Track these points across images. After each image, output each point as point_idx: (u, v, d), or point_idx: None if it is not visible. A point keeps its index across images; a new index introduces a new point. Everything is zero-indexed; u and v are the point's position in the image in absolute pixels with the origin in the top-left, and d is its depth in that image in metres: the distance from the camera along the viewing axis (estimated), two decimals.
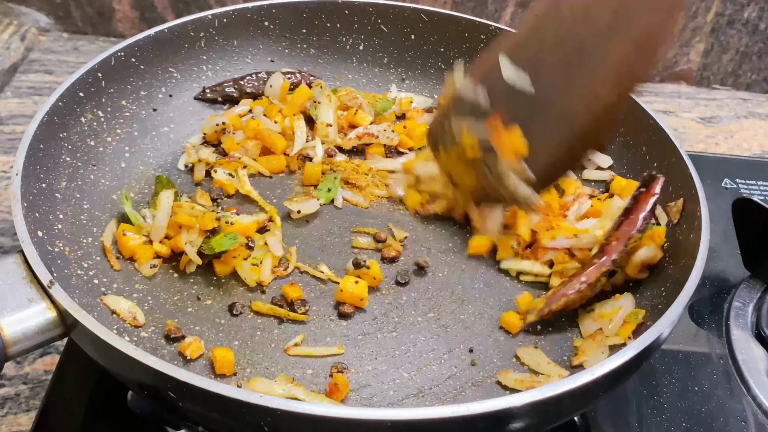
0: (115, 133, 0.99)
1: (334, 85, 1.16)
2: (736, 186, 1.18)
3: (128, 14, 1.47)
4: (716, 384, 0.87)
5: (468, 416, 0.58)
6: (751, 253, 0.97)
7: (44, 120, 0.85)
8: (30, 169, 0.80)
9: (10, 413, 0.83)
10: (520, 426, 0.63)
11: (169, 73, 1.07)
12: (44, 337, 0.68)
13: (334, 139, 1.04)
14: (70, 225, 0.85)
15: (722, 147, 1.37)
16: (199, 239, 0.84)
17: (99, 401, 0.81)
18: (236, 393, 0.58)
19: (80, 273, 0.82)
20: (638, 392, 0.85)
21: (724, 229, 1.04)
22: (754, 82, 1.54)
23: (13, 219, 0.73)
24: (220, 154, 1.02)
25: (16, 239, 0.72)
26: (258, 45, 1.14)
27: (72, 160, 0.90)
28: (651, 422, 0.82)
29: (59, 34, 1.49)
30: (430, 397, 0.76)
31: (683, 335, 0.92)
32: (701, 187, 0.85)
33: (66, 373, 0.83)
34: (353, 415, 0.58)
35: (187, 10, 1.45)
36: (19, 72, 1.38)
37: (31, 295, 0.68)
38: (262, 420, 0.59)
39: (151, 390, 0.66)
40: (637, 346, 0.66)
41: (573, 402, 0.66)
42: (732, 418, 0.83)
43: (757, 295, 0.97)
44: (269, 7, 1.12)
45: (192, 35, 1.08)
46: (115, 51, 0.98)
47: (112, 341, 0.62)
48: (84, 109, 0.94)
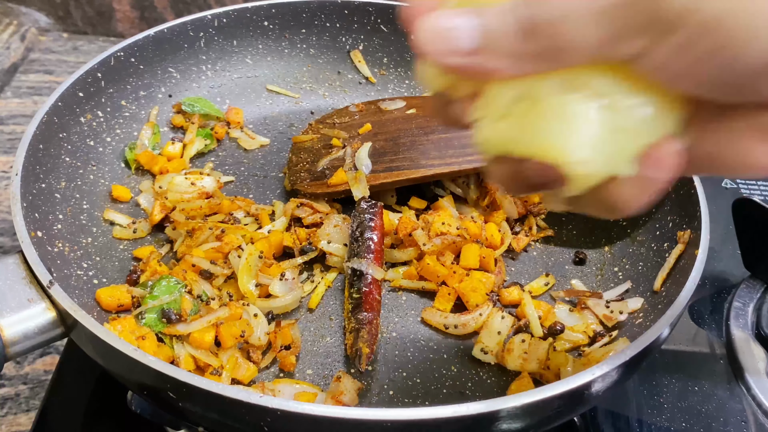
0: (115, 133, 0.99)
1: (333, 91, 1.15)
2: (736, 186, 1.18)
3: (128, 14, 1.47)
4: (716, 384, 0.87)
5: (468, 416, 0.58)
6: (751, 253, 0.97)
7: (44, 120, 0.85)
8: (30, 169, 0.80)
9: (10, 413, 0.83)
10: (519, 426, 0.63)
11: (168, 73, 1.07)
12: (44, 337, 0.68)
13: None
14: (70, 225, 0.85)
15: None
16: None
17: (99, 401, 0.81)
18: (236, 393, 0.58)
19: (80, 273, 0.82)
20: (638, 392, 0.85)
21: (724, 229, 1.04)
22: None
23: (13, 219, 0.73)
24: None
25: (15, 239, 0.72)
26: (258, 45, 1.14)
27: (72, 160, 0.90)
28: (651, 422, 0.81)
29: (59, 34, 1.49)
30: (430, 397, 0.76)
31: (683, 335, 0.92)
32: (701, 187, 0.85)
33: (66, 373, 0.83)
34: (353, 415, 0.58)
35: (186, 10, 1.45)
36: (19, 72, 1.38)
37: (30, 296, 0.68)
38: (262, 420, 0.59)
39: (151, 390, 0.66)
40: (636, 346, 0.66)
41: (572, 402, 0.66)
42: (732, 418, 0.82)
43: (757, 295, 0.97)
44: (269, 7, 1.12)
45: (192, 35, 1.08)
46: (114, 51, 0.98)
47: (111, 341, 0.62)
48: (84, 109, 0.94)
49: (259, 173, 1.03)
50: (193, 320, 0.76)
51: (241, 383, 0.75)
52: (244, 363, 0.76)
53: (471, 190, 0.99)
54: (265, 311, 0.80)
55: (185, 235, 0.86)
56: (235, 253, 0.84)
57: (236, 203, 0.93)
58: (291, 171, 1.00)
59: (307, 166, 1.00)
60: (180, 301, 0.78)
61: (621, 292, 0.88)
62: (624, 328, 0.83)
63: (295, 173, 0.99)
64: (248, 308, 0.79)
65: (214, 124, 1.08)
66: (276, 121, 1.13)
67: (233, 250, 0.84)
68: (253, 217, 0.93)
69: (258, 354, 0.78)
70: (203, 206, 0.91)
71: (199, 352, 0.75)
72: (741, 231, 0.97)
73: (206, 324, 0.76)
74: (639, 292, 0.86)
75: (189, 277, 0.81)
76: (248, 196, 0.98)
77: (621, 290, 0.88)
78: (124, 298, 0.79)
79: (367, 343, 0.76)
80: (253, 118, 1.12)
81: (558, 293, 0.89)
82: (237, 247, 0.84)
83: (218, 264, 0.83)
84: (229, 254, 0.84)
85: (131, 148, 0.99)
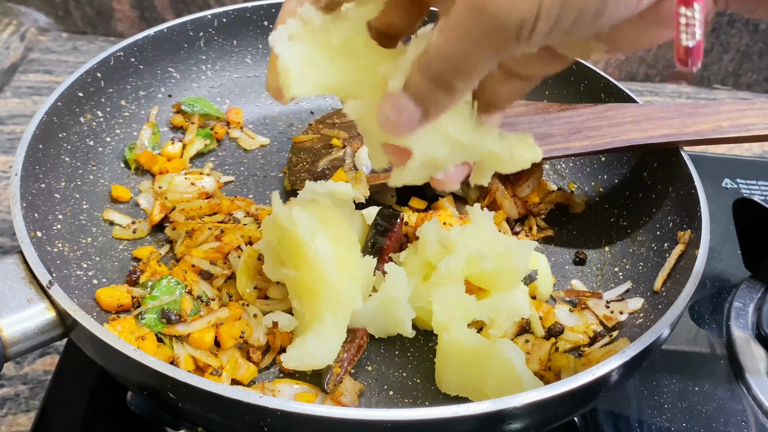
0: (115, 133, 0.99)
1: None
2: (736, 186, 1.18)
3: (128, 14, 1.47)
4: (716, 384, 0.87)
5: (468, 416, 0.58)
6: (752, 253, 0.97)
7: (44, 120, 0.85)
8: (29, 169, 0.80)
9: (10, 413, 0.83)
10: (520, 426, 0.63)
11: (168, 73, 1.07)
12: (44, 337, 0.68)
13: None
14: (70, 225, 0.85)
15: (722, 147, 1.37)
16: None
17: (99, 401, 0.81)
18: (236, 393, 0.58)
19: (79, 273, 0.82)
20: (638, 392, 0.84)
21: (724, 229, 1.04)
22: (754, 82, 1.54)
23: (13, 219, 0.73)
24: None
25: (15, 239, 0.72)
26: (258, 45, 1.14)
27: (71, 160, 0.90)
28: (651, 422, 0.81)
29: (59, 34, 1.49)
30: (430, 397, 0.76)
31: (683, 335, 0.92)
32: (701, 187, 0.85)
33: (66, 373, 0.83)
34: (353, 416, 0.58)
35: (186, 10, 1.45)
36: (19, 72, 1.38)
37: (30, 296, 0.68)
38: (261, 420, 0.59)
39: (150, 390, 0.66)
40: (637, 346, 0.66)
41: (573, 402, 0.66)
42: (732, 418, 0.82)
43: (757, 296, 0.96)
44: (269, 7, 1.12)
45: (191, 35, 1.08)
46: (114, 51, 0.98)
47: (111, 341, 0.62)
48: (83, 109, 0.94)
49: (259, 173, 1.03)
50: (193, 321, 0.76)
51: (241, 383, 0.75)
52: (243, 363, 0.76)
53: (471, 190, 0.99)
54: (265, 312, 0.80)
55: (185, 236, 0.86)
56: (235, 254, 0.83)
57: (236, 203, 0.93)
58: (291, 171, 1.00)
59: (307, 166, 1.00)
60: (180, 302, 0.78)
61: (621, 293, 0.88)
62: (624, 328, 0.83)
63: (295, 173, 0.99)
64: (248, 309, 0.79)
65: (214, 124, 1.08)
66: (276, 121, 1.13)
67: (233, 251, 0.84)
68: (252, 217, 0.93)
69: (258, 354, 0.77)
70: (203, 206, 0.91)
71: (199, 353, 0.75)
72: (741, 231, 0.97)
73: (206, 324, 0.76)
74: (639, 293, 0.86)
75: (189, 277, 0.81)
76: (248, 196, 0.98)
77: (621, 290, 0.88)
78: (124, 298, 0.79)
79: (341, 362, 0.75)
80: (253, 118, 1.12)
81: (558, 293, 0.89)
82: (237, 247, 0.84)
83: (218, 264, 0.83)
84: (229, 254, 0.84)
85: (131, 148, 0.99)
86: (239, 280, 0.81)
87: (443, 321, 0.75)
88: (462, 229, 0.80)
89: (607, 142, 0.92)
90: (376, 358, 0.79)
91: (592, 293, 0.87)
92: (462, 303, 0.75)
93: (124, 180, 0.97)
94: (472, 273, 0.79)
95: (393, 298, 0.76)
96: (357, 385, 0.75)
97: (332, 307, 0.73)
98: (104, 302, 0.78)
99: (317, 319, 0.73)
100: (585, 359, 0.78)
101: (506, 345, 0.71)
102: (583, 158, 1.07)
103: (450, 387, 0.75)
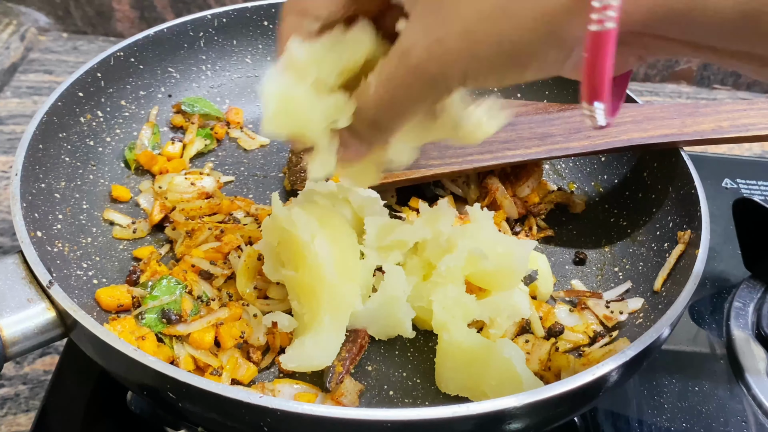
0: (115, 133, 0.99)
1: None
2: (736, 186, 1.18)
3: (128, 14, 1.47)
4: (716, 384, 0.86)
5: (468, 416, 0.58)
6: (752, 253, 0.97)
7: (44, 120, 0.85)
8: (29, 169, 0.80)
9: (10, 413, 0.83)
10: (520, 426, 0.63)
11: (168, 73, 1.07)
12: (44, 337, 0.68)
13: None
14: (70, 225, 0.85)
15: (722, 147, 1.37)
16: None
17: (99, 401, 0.81)
18: (236, 393, 0.58)
19: (79, 273, 0.82)
20: (638, 392, 0.84)
21: (724, 229, 1.04)
22: (754, 82, 1.54)
23: (13, 219, 0.73)
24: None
25: (15, 239, 0.72)
26: (258, 45, 1.14)
27: (71, 160, 0.90)
28: (651, 422, 0.81)
29: (59, 34, 1.49)
30: (430, 397, 0.76)
31: (683, 335, 0.92)
32: (701, 187, 0.85)
33: (65, 373, 0.83)
34: (353, 415, 0.58)
35: (186, 10, 1.45)
36: (19, 72, 1.38)
37: (30, 296, 0.68)
38: (261, 420, 0.59)
39: (150, 390, 0.66)
40: (637, 346, 0.66)
41: (573, 402, 0.66)
42: (732, 418, 0.82)
43: (757, 296, 0.96)
44: (269, 7, 1.12)
45: (191, 35, 1.08)
46: (114, 51, 0.98)
47: (111, 341, 0.62)
48: (83, 109, 0.94)
49: (259, 173, 1.03)
50: (193, 321, 0.76)
51: (241, 383, 0.75)
52: (243, 363, 0.76)
53: (471, 190, 0.99)
54: (265, 312, 0.80)
55: (185, 236, 0.86)
56: (235, 254, 0.83)
57: (236, 203, 0.93)
58: (291, 171, 1.00)
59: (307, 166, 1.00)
60: (180, 302, 0.78)
61: (621, 292, 0.88)
62: (624, 328, 0.83)
63: (295, 173, 0.99)
64: (248, 309, 0.79)
65: (214, 124, 1.08)
66: None
67: (233, 251, 0.84)
68: (252, 217, 0.93)
69: (258, 354, 0.77)
70: (203, 206, 0.91)
71: (198, 353, 0.75)
72: (741, 231, 0.97)
73: (206, 324, 0.76)
74: (639, 292, 0.86)
75: (189, 277, 0.81)
76: (248, 196, 0.98)
77: (621, 290, 0.88)
78: (124, 298, 0.79)
79: (343, 361, 0.75)
80: (253, 118, 1.12)
81: (558, 293, 0.89)
82: (237, 247, 0.84)
83: (218, 264, 0.83)
84: (229, 254, 0.84)
85: (131, 148, 0.99)
86: (239, 280, 0.81)
87: (443, 321, 0.75)
88: (462, 228, 0.80)
89: (607, 142, 0.92)
90: (376, 359, 0.79)
91: (592, 293, 0.87)
92: (462, 303, 0.75)
93: (124, 180, 0.97)
94: (472, 272, 0.79)
95: (393, 297, 0.76)
96: (357, 385, 0.75)
97: (331, 308, 0.73)
98: (104, 302, 0.78)
99: (316, 320, 0.73)
100: (585, 359, 0.78)
101: (506, 345, 0.71)
102: (583, 158, 1.07)
103: (450, 387, 0.75)
